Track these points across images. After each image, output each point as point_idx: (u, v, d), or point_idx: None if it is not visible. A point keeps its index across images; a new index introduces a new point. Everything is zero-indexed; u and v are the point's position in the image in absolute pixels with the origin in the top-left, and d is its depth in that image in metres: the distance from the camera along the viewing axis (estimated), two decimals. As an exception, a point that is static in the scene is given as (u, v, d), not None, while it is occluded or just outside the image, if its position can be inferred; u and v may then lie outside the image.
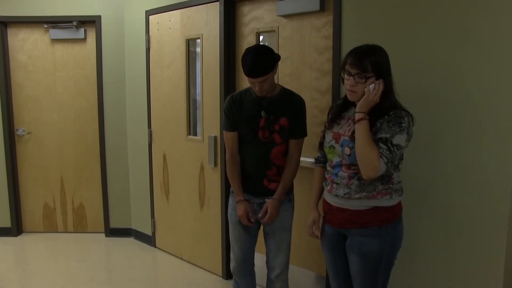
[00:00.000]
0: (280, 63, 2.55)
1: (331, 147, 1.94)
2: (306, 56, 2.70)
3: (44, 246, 4.09)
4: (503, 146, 1.91)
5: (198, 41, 3.39)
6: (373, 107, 1.78)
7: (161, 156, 3.80)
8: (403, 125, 1.75)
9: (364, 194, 1.83)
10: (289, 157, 2.29)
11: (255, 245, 2.46)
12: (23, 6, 4.03)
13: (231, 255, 2.46)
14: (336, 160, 1.91)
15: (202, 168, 3.42)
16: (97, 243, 4.15)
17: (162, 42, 3.66)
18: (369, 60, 1.76)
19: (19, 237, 4.28)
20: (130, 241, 4.19)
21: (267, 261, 2.40)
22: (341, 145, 1.88)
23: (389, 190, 1.84)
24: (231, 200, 2.41)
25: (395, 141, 1.73)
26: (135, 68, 3.96)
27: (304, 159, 2.51)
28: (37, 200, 4.33)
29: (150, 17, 3.73)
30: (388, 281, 1.97)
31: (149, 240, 4.06)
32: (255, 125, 2.26)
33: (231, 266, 2.47)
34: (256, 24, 2.98)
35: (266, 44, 2.79)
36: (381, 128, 1.76)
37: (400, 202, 1.92)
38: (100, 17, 4.01)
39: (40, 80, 4.20)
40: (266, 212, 2.26)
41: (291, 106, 2.26)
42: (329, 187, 1.95)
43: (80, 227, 4.37)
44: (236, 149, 2.34)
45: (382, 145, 1.72)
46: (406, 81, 2.09)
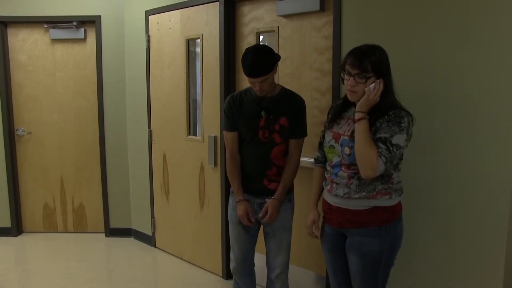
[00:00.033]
0: (280, 63, 2.55)
1: (331, 147, 1.94)
2: (306, 56, 2.70)
3: (44, 246, 4.09)
4: (503, 146, 1.91)
5: (198, 41, 3.39)
6: (373, 106, 1.78)
7: (161, 156, 3.80)
8: (402, 125, 1.75)
9: (363, 194, 1.83)
10: (289, 157, 2.29)
11: (255, 245, 2.45)
12: (23, 6, 4.03)
13: (231, 255, 2.46)
14: (336, 160, 1.91)
15: (202, 168, 3.42)
16: (97, 243, 4.14)
17: (162, 42, 3.66)
18: (369, 60, 1.76)
19: (19, 237, 4.28)
20: (130, 241, 4.19)
21: (267, 261, 2.40)
22: (341, 145, 1.88)
23: (389, 190, 1.84)
24: (231, 200, 2.41)
25: (394, 141, 1.73)
26: (135, 68, 3.96)
27: (304, 159, 2.51)
28: (37, 200, 4.33)
29: (150, 17, 3.73)
30: (387, 281, 1.97)
31: (149, 240, 4.06)
32: (255, 125, 2.25)
33: (231, 266, 2.47)
34: (256, 24, 2.98)
35: (266, 44, 2.79)
36: (381, 127, 1.76)
37: (400, 202, 1.92)
38: (100, 17, 4.01)
39: (40, 80, 4.20)
40: (266, 212, 2.26)
41: (291, 106, 2.26)
42: (328, 187, 1.95)
43: (80, 227, 4.37)
44: (236, 149, 2.34)
45: (381, 144, 1.72)
46: (406, 81, 2.09)
